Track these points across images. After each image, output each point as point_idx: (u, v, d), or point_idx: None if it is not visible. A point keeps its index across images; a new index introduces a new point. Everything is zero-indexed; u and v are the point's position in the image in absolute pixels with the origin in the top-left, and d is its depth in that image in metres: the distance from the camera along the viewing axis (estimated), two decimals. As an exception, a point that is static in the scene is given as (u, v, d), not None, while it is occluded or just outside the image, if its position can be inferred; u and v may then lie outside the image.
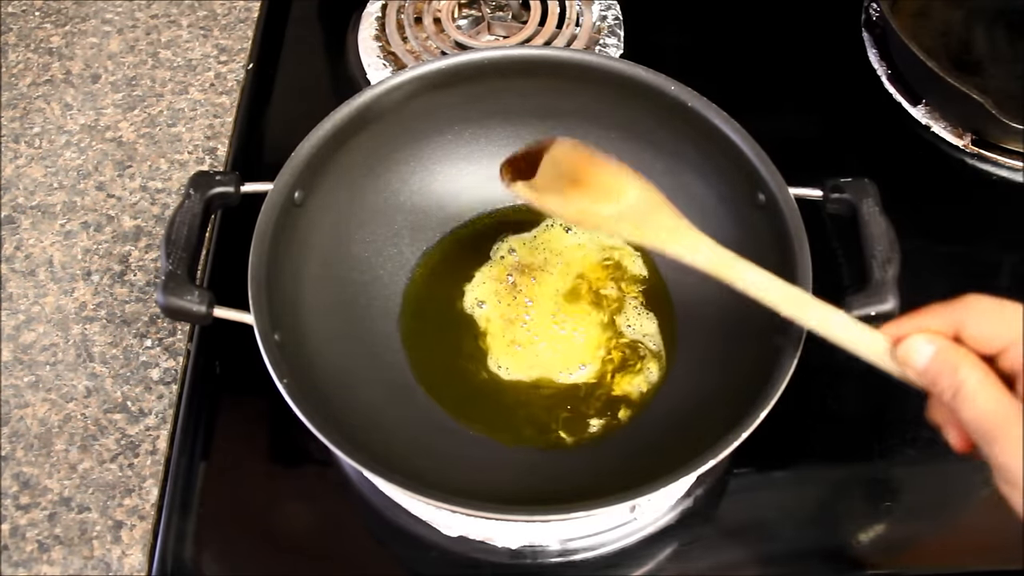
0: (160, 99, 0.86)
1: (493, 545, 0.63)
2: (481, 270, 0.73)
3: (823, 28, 0.90)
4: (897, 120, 0.83)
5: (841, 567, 0.64)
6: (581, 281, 0.72)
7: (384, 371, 0.68)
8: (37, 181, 0.80)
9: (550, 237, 0.74)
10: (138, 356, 0.72)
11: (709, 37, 0.89)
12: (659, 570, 0.63)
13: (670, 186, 0.71)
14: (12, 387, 0.70)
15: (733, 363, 0.64)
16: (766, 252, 0.63)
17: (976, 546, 0.64)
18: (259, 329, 0.58)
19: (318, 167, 0.65)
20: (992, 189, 0.80)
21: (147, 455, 0.67)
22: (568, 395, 0.68)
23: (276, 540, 0.65)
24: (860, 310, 0.58)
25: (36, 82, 0.87)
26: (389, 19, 0.88)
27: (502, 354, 0.69)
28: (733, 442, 0.54)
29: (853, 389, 0.70)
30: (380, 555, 0.65)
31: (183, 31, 0.90)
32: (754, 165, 0.64)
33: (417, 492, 0.54)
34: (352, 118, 0.66)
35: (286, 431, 0.59)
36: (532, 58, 0.71)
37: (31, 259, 0.76)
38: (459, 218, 0.75)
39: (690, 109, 0.66)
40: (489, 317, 0.70)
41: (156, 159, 0.82)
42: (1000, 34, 0.87)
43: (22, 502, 0.66)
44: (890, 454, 0.67)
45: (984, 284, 0.75)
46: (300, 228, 0.65)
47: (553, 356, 0.69)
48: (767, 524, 0.65)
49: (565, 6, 0.88)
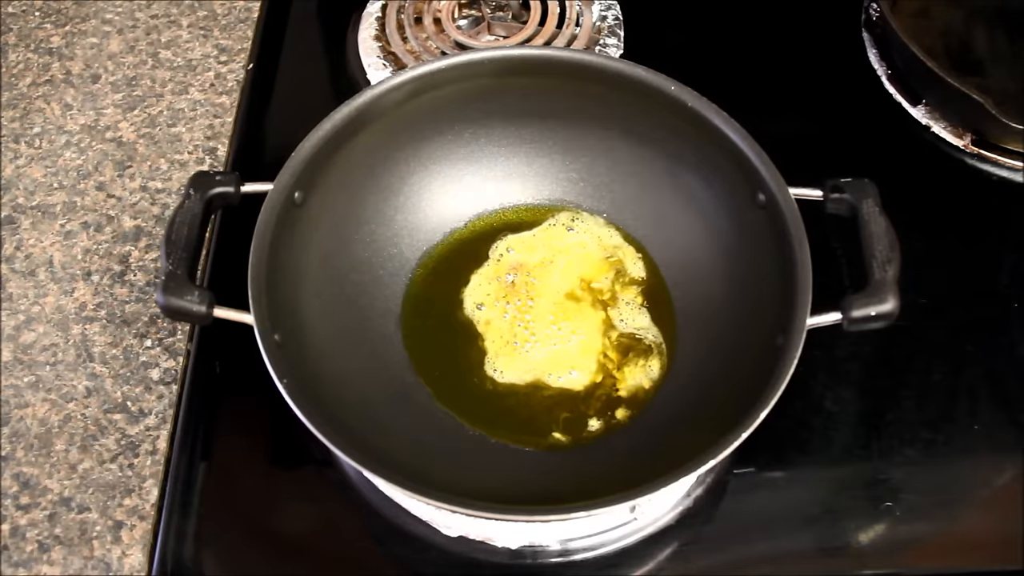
0: (160, 99, 0.86)
1: (493, 545, 0.63)
2: (481, 270, 0.73)
3: (823, 28, 0.90)
4: (897, 120, 0.83)
5: (841, 567, 0.64)
6: (581, 281, 0.72)
7: (384, 371, 0.68)
8: (37, 181, 0.80)
9: (550, 236, 0.74)
10: (138, 356, 0.72)
11: (709, 37, 0.89)
12: (659, 570, 0.63)
13: (670, 186, 0.72)
14: (12, 387, 0.70)
15: (733, 363, 0.64)
16: (766, 252, 0.63)
17: (976, 546, 0.65)
18: (259, 329, 0.58)
19: (318, 167, 0.65)
20: (992, 189, 0.80)
21: (147, 455, 0.67)
22: (568, 396, 0.68)
23: (276, 540, 0.65)
24: (860, 310, 0.58)
25: (36, 82, 0.87)
26: (389, 19, 0.88)
27: (502, 355, 0.69)
28: (733, 442, 0.54)
29: (853, 389, 0.70)
30: (380, 555, 0.65)
31: (183, 31, 0.90)
32: (754, 165, 0.63)
33: (417, 492, 0.54)
34: (352, 118, 0.66)
35: (286, 431, 0.59)
36: (532, 58, 0.71)
37: (31, 259, 0.76)
38: (459, 218, 0.75)
39: (690, 109, 0.66)
40: (489, 318, 0.70)
41: (156, 159, 0.82)
42: (1000, 34, 0.87)
43: (22, 502, 0.66)
44: (890, 454, 0.67)
45: (984, 284, 0.75)
46: (300, 228, 0.65)
47: (553, 356, 0.69)
48: (767, 524, 0.65)
49: (565, 6, 0.88)
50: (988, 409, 0.68)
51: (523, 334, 0.70)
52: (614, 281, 0.72)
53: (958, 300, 0.74)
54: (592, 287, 0.72)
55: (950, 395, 0.69)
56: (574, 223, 0.74)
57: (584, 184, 0.75)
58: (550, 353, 0.69)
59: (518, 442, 0.66)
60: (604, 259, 0.73)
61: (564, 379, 0.68)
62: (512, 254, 0.73)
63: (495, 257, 0.73)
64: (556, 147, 0.74)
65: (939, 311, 0.72)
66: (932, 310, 0.72)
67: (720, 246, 0.69)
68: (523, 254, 0.73)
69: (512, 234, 0.74)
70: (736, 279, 0.68)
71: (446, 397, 0.68)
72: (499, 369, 0.69)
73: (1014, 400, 0.68)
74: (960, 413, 0.68)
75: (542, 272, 0.72)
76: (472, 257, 0.73)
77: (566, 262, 0.73)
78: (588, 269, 0.72)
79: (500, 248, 0.73)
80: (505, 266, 0.73)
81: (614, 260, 0.73)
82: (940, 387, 0.69)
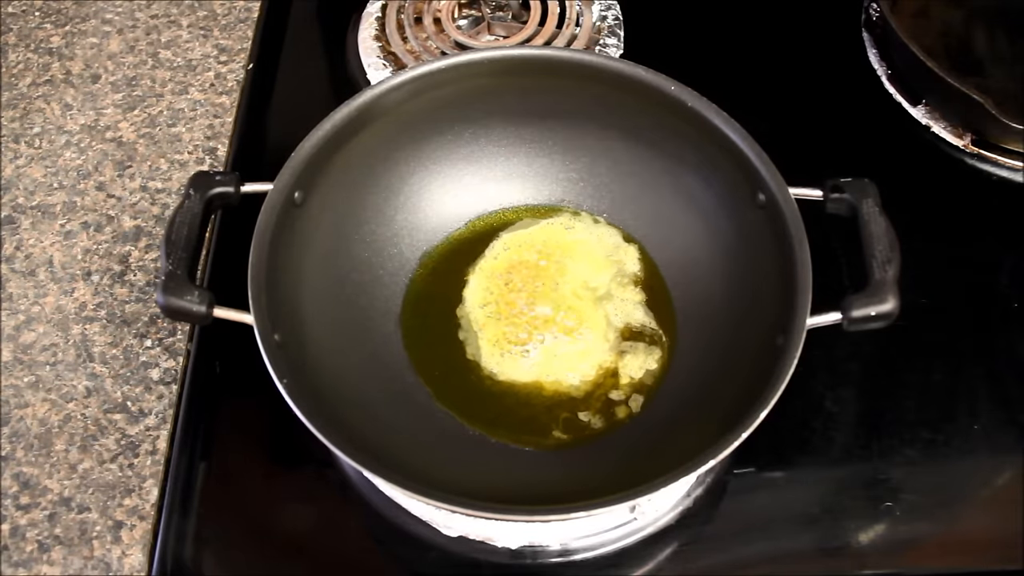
0: (160, 99, 0.86)
1: (493, 545, 0.63)
2: (481, 270, 0.72)
3: (823, 28, 0.90)
4: (897, 120, 0.83)
5: (841, 567, 0.64)
6: (581, 281, 0.72)
7: (384, 371, 0.68)
8: (37, 181, 0.80)
9: (550, 236, 0.74)
10: (138, 356, 0.72)
11: (709, 37, 0.89)
12: (659, 570, 0.63)
13: (670, 186, 0.72)
14: (12, 387, 0.70)
15: (733, 363, 0.64)
16: (766, 252, 0.63)
17: (976, 546, 0.65)
18: (259, 329, 0.58)
19: (318, 167, 0.65)
20: (992, 189, 0.80)
21: (147, 455, 0.67)
22: (568, 395, 0.68)
23: (276, 540, 0.65)
24: (860, 310, 0.58)
25: (36, 82, 0.87)
26: (389, 19, 0.88)
27: (502, 354, 0.69)
28: (733, 442, 0.54)
29: (853, 389, 0.70)
30: (380, 555, 0.65)
31: (183, 31, 0.90)
32: (754, 165, 0.63)
33: (417, 492, 0.54)
34: (352, 118, 0.66)
35: (286, 431, 0.59)
36: (532, 58, 0.71)
37: (31, 259, 0.76)
38: (459, 218, 0.75)
39: (690, 109, 0.66)
40: (489, 317, 0.70)
41: (156, 159, 0.82)
42: (1000, 34, 0.87)
43: (22, 502, 0.66)
44: (890, 454, 0.67)
45: (984, 284, 0.75)
46: (300, 228, 0.65)
47: (552, 356, 0.69)
48: (767, 524, 0.65)
49: (565, 6, 0.88)
50: (988, 409, 0.68)
51: (523, 334, 0.70)
52: (614, 280, 0.72)
53: (958, 300, 0.74)
54: (592, 286, 0.72)
55: (950, 395, 0.69)
56: (574, 223, 0.74)
57: (584, 184, 0.75)
58: (550, 353, 0.69)
59: (518, 442, 0.66)
60: (604, 258, 0.73)
61: (564, 379, 0.68)
62: (512, 254, 0.73)
63: (495, 257, 0.73)
64: (556, 147, 0.74)
65: (939, 311, 0.72)
66: (932, 310, 0.72)
67: (720, 246, 0.69)
68: (523, 254, 0.73)
69: (512, 234, 0.74)
70: (736, 279, 0.68)
71: (446, 397, 0.68)
72: (499, 369, 0.69)
73: (1014, 400, 0.68)
74: (960, 413, 0.68)
75: (542, 272, 0.72)
76: (472, 257, 0.73)
77: (566, 262, 0.72)
78: (588, 269, 0.72)
79: (499, 247, 0.73)
80: (505, 265, 0.73)
81: (614, 259, 0.73)
82: (940, 387, 0.69)
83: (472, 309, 0.71)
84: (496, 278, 0.72)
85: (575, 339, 0.69)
